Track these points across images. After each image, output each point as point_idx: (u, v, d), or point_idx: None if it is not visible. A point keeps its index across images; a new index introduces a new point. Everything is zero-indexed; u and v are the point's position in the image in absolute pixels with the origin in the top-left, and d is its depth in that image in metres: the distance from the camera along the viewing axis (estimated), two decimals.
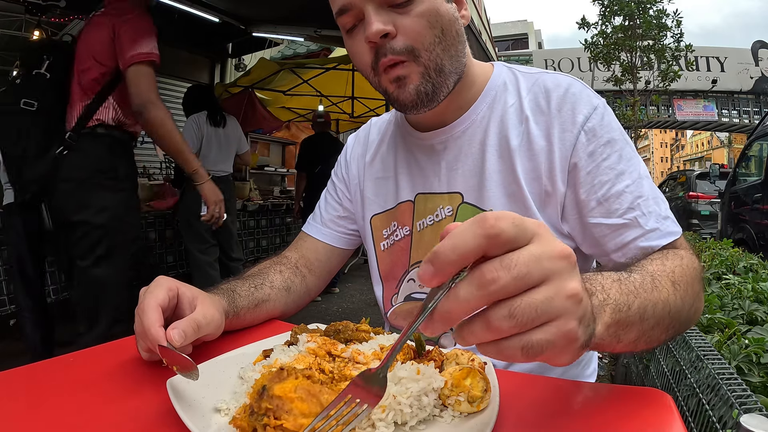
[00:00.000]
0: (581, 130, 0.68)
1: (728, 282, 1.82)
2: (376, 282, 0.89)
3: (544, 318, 0.31)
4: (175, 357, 0.49)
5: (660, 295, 0.49)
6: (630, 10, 11.51)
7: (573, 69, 18.99)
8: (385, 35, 0.64)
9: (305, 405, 0.38)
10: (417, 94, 0.67)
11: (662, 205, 0.67)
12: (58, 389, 0.54)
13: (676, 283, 0.53)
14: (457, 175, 0.76)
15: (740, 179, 5.04)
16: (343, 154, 0.95)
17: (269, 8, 3.61)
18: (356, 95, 5.72)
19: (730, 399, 0.89)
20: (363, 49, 0.67)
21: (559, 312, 0.32)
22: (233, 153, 3.39)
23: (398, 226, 0.82)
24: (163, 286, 0.60)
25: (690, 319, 0.56)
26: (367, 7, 0.64)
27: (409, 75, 0.66)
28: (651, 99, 12.68)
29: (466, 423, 0.45)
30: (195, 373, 0.48)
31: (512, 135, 0.72)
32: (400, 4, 0.64)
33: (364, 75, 0.72)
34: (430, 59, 0.66)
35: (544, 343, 0.31)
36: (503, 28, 27.12)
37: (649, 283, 0.50)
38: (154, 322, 0.54)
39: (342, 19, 0.68)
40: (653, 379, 1.52)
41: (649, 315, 0.47)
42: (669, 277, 0.53)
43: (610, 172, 0.67)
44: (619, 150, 0.68)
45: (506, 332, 0.31)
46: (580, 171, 0.68)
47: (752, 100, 18.45)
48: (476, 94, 0.77)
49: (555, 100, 0.71)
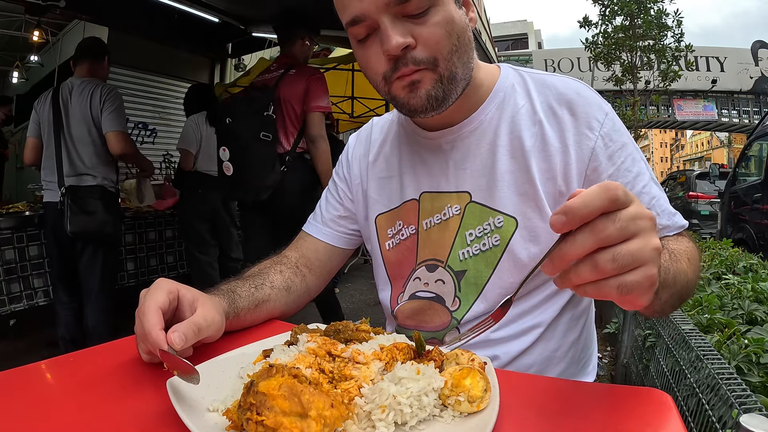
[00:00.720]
0: (598, 135, 0.71)
1: (728, 282, 1.82)
2: (383, 282, 0.88)
3: (637, 263, 0.39)
4: (177, 362, 0.49)
5: (681, 267, 0.60)
6: (630, 10, 11.50)
7: (573, 69, 18.99)
8: (405, 47, 0.63)
9: (286, 403, 0.39)
10: (428, 99, 0.67)
11: (667, 203, 0.74)
12: (58, 389, 0.54)
13: (690, 259, 0.64)
14: (465, 175, 0.77)
15: (740, 179, 5.05)
16: (344, 154, 0.95)
17: (269, 8, 3.61)
18: (356, 95, 5.72)
19: (729, 399, 0.89)
20: (378, 59, 0.66)
21: (646, 259, 0.40)
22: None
23: (403, 225, 0.82)
24: (164, 288, 0.60)
25: (691, 291, 0.67)
26: (382, 18, 0.62)
27: (422, 80, 0.66)
28: (651, 99, 12.68)
29: (466, 423, 0.45)
30: (196, 377, 0.48)
31: (526, 136, 0.74)
32: (417, 15, 0.63)
33: (373, 84, 0.71)
34: (446, 68, 0.66)
35: (634, 284, 0.40)
36: (503, 28, 27.12)
37: (675, 258, 0.60)
38: (155, 325, 0.54)
39: (354, 30, 0.66)
40: (653, 379, 1.52)
41: (677, 281, 0.58)
42: (685, 255, 0.64)
43: (628, 174, 0.71)
44: (631, 153, 0.72)
45: (608, 273, 0.39)
46: (601, 174, 0.71)
47: (752, 100, 18.45)
48: (484, 96, 0.77)
49: (567, 104, 0.73)
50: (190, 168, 3.15)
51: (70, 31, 5.47)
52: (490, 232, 0.74)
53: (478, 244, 0.75)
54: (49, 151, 2.42)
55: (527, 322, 0.75)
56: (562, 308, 0.76)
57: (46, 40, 5.06)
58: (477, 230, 0.75)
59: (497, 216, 0.74)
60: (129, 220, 3.25)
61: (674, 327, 1.38)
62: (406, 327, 0.83)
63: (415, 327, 0.81)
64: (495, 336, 0.75)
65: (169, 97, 5.61)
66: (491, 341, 0.76)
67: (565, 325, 0.78)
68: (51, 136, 2.41)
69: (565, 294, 0.76)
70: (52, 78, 5.42)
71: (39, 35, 4.61)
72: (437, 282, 0.78)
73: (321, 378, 0.49)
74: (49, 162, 2.42)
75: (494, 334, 0.75)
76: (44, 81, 5.78)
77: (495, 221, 0.74)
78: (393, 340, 0.58)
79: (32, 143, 2.49)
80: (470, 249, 0.76)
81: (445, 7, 0.64)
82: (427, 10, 0.63)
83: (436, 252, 0.78)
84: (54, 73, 5.43)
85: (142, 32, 4.66)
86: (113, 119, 2.40)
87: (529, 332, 0.75)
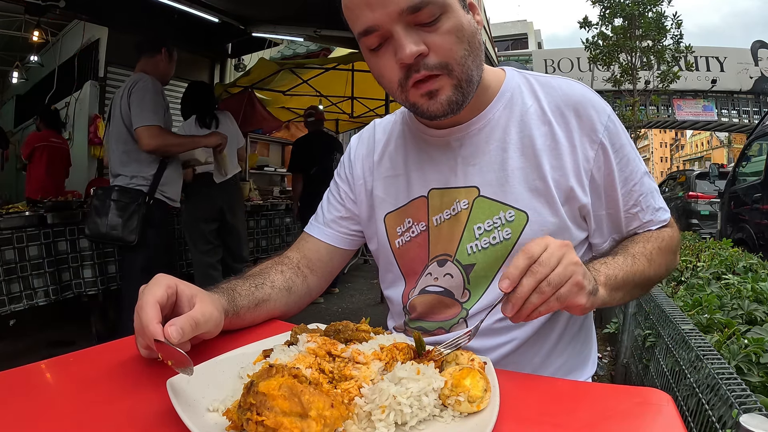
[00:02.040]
0: (601, 139, 0.76)
1: (728, 282, 1.82)
2: (394, 278, 0.89)
3: (566, 278, 0.56)
4: (171, 351, 0.49)
5: (637, 269, 0.71)
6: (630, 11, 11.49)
7: (573, 69, 18.98)
8: (418, 55, 0.65)
9: (286, 403, 0.39)
10: (449, 105, 0.69)
11: (657, 197, 0.81)
12: (58, 389, 0.54)
13: (651, 260, 0.74)
14: (474, 170, 0.78)
15: (740, 179, 5.05)
16: (346, 155, 0.96)
17: (269, 8, 3.61)
18: (356, 95, 5.71)
19: (729, 399, 0.89)
20: (391, 67, 0.67)
21: (570, 273, 0.56)
22: (234, 150, 3.30)
23: (413, 222, 0.83)
24: (162, 283, 0.60)
25: (661, 277, 0.80)
26: (395, 28, 0.64)
27: (441, 88, 0.68)
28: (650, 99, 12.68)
29: (466, 423, 0.45)
30: (190, 368, 0.48)
31: (536, 135, 0.77)
32: (428, 23, 0.64)
33: (389, 92, 0.72)
34: (462, 72, 0.67)
35: (568, 292, 0.56)
36: (503, 28, 27.10)
37: (630, 261, 0.71)
38: (152, 318, 0.55)
39: (367, 40, 0.67)
40: (653, 379, 1.52)
41: (629, 281, 0.70)
42: (646, 257, 0.74)
43: (621, 174, 0.77)
44: (626, 155, 0.77)
45: (549, 294, 0.55)
46: (600, 175, 0.77)
47: (752, 100, 18.43)
48: (491, 96, 0.79)
49: (574, 106, 0.77)
50: (189, 177, 3.05)
51: (70, 31, 5.48)
52: (501, 226, 0.76)
53: (487, 238, 0.76)
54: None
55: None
56: None
57: (45, 40, 5.07)
58: (486, 224, 0.76)
59: (508, 210, 0.76)
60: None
61: (674, 327, 1.38)
62: (417, 320, 0.84)
63: (426, 319, 0.82)
64: (498, 326, 0.76)
65: (170, 97, 5.58)
66: (494, 330, 0.77)
67: (565, 318, 0.80)
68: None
69: None
70: (52, 78, 5.43)
71: (39, 35, 4.61)
72: (446, 276, 0.80)
73: (321, 378, 0.49)
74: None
75: (497, 324, 0.76)
76: (44, 81, 5.79)
77: (506, 215, 0.76)
78: (393, 340, 0.58)
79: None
80: (479, 243, 0.77)
81: (455, 13, 0.66)
82: (438, 17, 0.64)
83: (446, 247, 0.80)
84: (54, 73, 5.44)
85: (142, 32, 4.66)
86: (138, 113, 2.28)
87: (530, 323, 0.77)
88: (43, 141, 4.40)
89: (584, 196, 0.76)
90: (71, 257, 2.87)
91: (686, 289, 1.89)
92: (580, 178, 0.76)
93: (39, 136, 4.45)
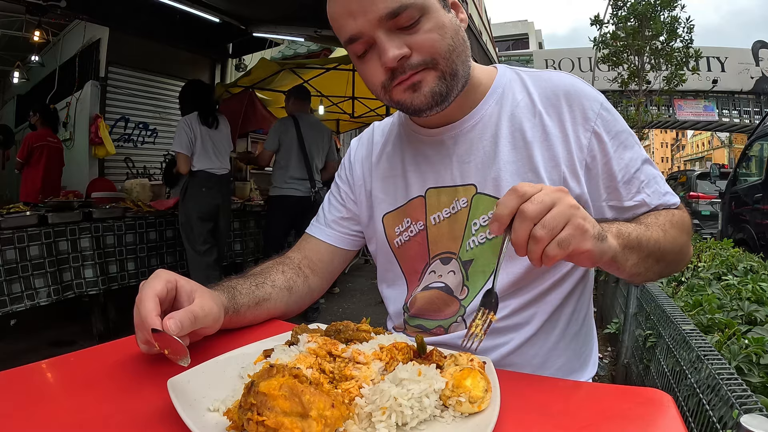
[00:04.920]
0: (594, 126, 0.75)
1: (728, 282, 1.82)
2: (395, 278, 0.89)
3: (563, 220, 0.51)
4: (168, 341, 0.49)
5: (652, 234, 0.67)
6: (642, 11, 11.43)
7: (573, 69, 18.93)
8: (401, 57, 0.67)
9: (287, 403, 0.39)
10: (432, 96, 0.70)
11: (661, 182, 0.79)
12: (59, 389, 0.54)
13: (665, 230, 0.71)
14: (469, 168, 0.79)
15: (741, 179, 5.04)
16: (346, 157, 0.97)
17: (269, 8, 3.62)
18: (357, 95, 5.71)
19: (730, 399, 0.89)
20: (377, 71, 0.70)
21: (568, 216, 0.51)
22: (228, 151, 3.39)
23: (411, 222, 0.84)
24: (162, 278, 0.61)
25: (676, 261, 0.75)
26: (377, 34, 0.66)
27: (423, 79, 0.69)
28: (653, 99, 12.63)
29: (466, 423, 0.45)
30: (186, 358, 0.48)
31: (527, 127, 0.77)
32: (409, 26, 0.66)
33: (375, 94, 0.74)
34: (446, 65, 0.69)
35: (568, 236, 0.51)
36: (503, 28, 27.06)
37: (643, 226, 0.68)
38: (151, 311, 0.55)
39: (353, 47, 0.70)
40: (653, 379, 1.52)
41: (644, 245, 0.65)
42: (659, 226, 0.71)
43: (620, 161, 0.76)
44: (624, 141, 0.76)
45: (545, 238, 0.51)
46: (598, 162, 0.76)
47: (753, 100, 18.39)
48: (483, 93, 0.80)
49: (564, 95, 0.77)
50: (186, 171, 3.13)
51: (71, 32, 5.48)
52: None
53: (483, 233, 0.77)
54: None
55: (529, 312, 0.77)
56: (562, 301, 0.78)
57: (46, 40, 5.07)
58: (482, 219, 0.77)
59: None
60: (129, 220, 3.25)
61: (675, 327, 1.37)
62: (416, 317, 0.84)
63: (425, 317, 0.82)
64: (498, 325, 0.77)
65: (170, 97, 5.60)
66: (494, 330, 0.77)
67: (566, 318, 0.80)
68: None
69: (565, 287, 0.78)
70: (53, 78, 5.44)
71: (40, 35, 4.61)
72: (449, 273, 0.80)
73: (321, 378, 0.49)
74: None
75: (498, 324, 0.77)
76: (45, 81, 5.79)
77: None
78: (393, 340, 0.58)
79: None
80: (476, 238, 0.77)
81: (435, 14, 0.67)
82: (418, 20, 0.66)
83: (450, 245, 0.80)
84: (54, 73, 5.45)
85: (143, 32, 4.66)
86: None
87: (531, 322, 0.77)
88: (41, 141, 4.34)
89: (578, 185, 0.75)
90: (72, 257, 2.87)
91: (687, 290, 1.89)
92: (574, 168, 0.75)
93: (36, 135, 4.37)
